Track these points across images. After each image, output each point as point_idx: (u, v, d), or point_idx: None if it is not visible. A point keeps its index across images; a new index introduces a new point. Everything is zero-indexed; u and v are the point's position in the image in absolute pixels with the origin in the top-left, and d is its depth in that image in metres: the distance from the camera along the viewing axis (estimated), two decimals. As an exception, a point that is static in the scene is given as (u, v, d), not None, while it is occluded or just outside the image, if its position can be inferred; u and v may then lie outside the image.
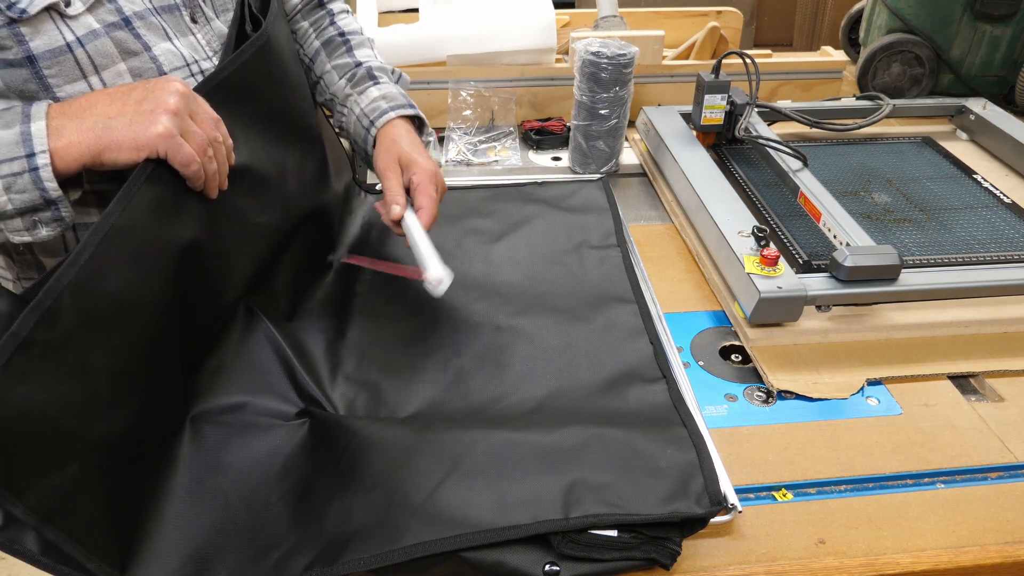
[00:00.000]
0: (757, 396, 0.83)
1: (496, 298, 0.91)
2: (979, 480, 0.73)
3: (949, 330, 0.91)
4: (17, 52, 0.67)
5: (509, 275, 0.96)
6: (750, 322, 0.89)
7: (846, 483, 0.73)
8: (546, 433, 0.69)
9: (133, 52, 0.73)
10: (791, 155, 1.12)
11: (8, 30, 0.66)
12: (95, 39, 0.71)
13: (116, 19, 0.72)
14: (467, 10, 1.37)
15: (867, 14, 1.54)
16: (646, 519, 0.61)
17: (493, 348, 0.84)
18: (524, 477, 0.65)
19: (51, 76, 0.69)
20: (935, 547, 0.67)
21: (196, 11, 0.82)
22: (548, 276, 0.96)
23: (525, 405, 0.77)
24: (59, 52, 0.69)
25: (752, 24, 3.22)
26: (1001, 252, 1.02)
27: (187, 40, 0.80)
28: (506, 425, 0.71)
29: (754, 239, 0.94)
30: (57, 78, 0.69)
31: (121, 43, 0.72)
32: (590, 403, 0.76)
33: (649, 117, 1.30)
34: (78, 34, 0.70)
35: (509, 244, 1.03)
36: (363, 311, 0.89)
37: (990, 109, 1.35)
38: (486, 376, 0.80)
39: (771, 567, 0.65)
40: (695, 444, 0.69)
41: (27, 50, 0.67)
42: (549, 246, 1.02)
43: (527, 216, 1.09)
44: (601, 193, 1.15)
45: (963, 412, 0.81)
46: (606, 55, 1.14)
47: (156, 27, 0.76)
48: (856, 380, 0.84)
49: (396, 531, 0.61)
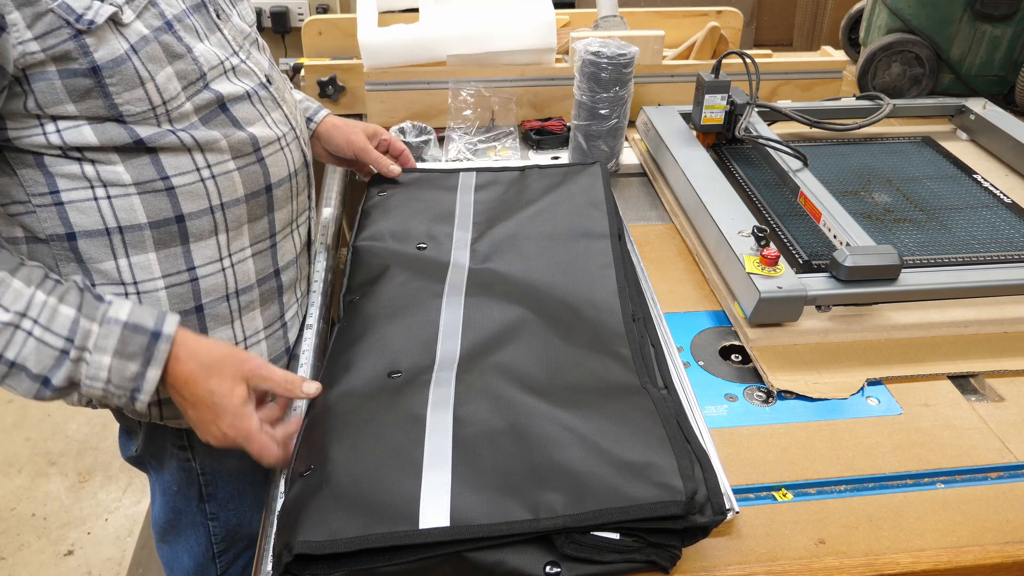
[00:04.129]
0: (757, 396, 0.83)
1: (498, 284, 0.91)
2: (979, 480, 0.73)
3: (949, 330, 0.91)
4: (83, 63, 0.69)
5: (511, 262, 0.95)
6: (750, 322, 0.89)
7: (846, 483, 0.73)
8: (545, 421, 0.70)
9: (178, 55, 0.75)
10: (791, 155, 1.12)
11: (75, 42, 0.68)
12: (146, 45, 0.72)
13: (160, 23, 0.74)
14: (467, 10, 1.37)
15: (867, 14, 1.54)
16: (638, 503, 0.62)
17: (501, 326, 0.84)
18: (522, 471, 0.65)
19: (112, 85, 0.70)
20: (935, 547, 0.67)
21: (218, 7, 0.83)
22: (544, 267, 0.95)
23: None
24: (120, 61, 0.70)
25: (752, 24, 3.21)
26: (1001, 252, 1.02)
27: (216, 38, 0.81)
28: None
29: (754, 239, 0.94)
30: (118, 86, 0.71)
31: (168, 47, 0.74)
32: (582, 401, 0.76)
33: (649, 117, 1.30)
34: (131, 41, 0.71)
35: (509, 227, 1.01)
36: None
37: (990, 109, 1.35)
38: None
39: (771, 567, 0.65)
40: (698, 457, 0.68)
41: (91, 61, 0.69)
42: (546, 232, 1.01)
43: (526, 201, 1.07)
44: (598, 180, 1.11)
45: (963, 412, 0.81)
46: (606, 55, 1.14)
47: (191, 28, 0.78)
48: (856, 380, 0.84)
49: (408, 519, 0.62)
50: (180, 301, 0.81)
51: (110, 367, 0.70)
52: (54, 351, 0.69)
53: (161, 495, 0.99)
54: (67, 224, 0.75)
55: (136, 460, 0.99)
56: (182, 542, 1.02)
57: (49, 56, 0.67)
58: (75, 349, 0.69)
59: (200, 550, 1.02)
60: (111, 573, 1.79)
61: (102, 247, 0.77)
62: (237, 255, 0.84)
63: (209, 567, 1.03)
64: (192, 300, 0.82)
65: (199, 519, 1.00)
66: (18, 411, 2.21)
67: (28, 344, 0.68)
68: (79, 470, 2.04)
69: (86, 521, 1.91)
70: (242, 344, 0.87)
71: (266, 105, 0.85)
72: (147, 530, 1.88)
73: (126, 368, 0.70)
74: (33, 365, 0.69)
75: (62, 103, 0.70)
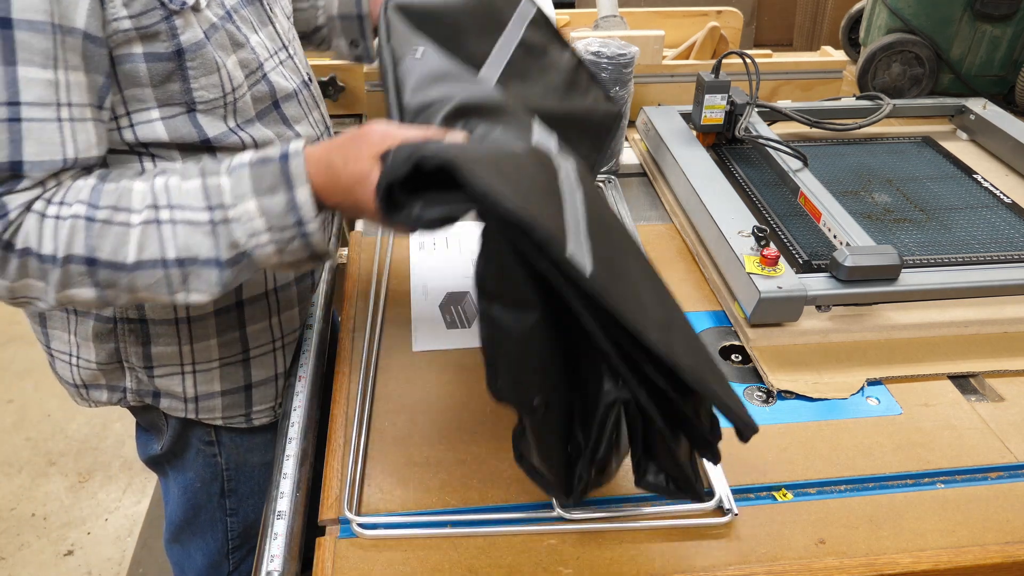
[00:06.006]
0: (757, 396, 0.83)
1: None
2: (979, 480, 0.73)
3: (949, 330, 0.91)
4: (168, 46, 0.69)
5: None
6: (750, 322, 0.89)
7: (846, 483, 0.73)
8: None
9: (240, 44, 0.76)
10: (791, 155, 1.12)
11: (166, 24, 0.68)
12: (215, 32, 0.73)
13: (223, 12, 0.75)
14: (467, 10, 1.37)
15: (867, 14, 1.54)
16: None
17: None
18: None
19: (192, 69, 0.71)
20: (935, 547, 0.67)
21: (271, 2, 0.84)
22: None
23: None
24: (201, 45, 0.71)
25: (752, 24, 3.21)
26: (1001, 252, 1.02)
27: (267, 31, 0.82)
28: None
29: (754, 239, 0.94)
30: (197, 70, 0.71)
31: (232, 35, 0.75)
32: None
33: (649, 117, 1.30)
34: (203, 28, 0.72)
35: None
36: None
37: (990, 109, 1.35)
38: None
39: (771, 567, 0.65)
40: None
41: (177, 43, 0.69)
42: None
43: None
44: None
45: (963, 412, 0.81)
46: (606, 55, 1.14)
47: (246, 19, 0.79)
48: (856, 380, 0.84)
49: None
50: (223, 297, 0.81)
51: (259, 209, 0.65)
52: (204, 226, 0.65)
53: (181, 494, 0.99)
54: None
55: (155, 460, 0.99)
56: (197, 540, 1.02)
57: (140, 35, 0.67)
58: (219, 211, 0.65)
59: (215, 547, 1.02)
60: (111, 573, 1.79)
61: None
62: None
63: (222, 564, 1.04)
64: (234, 296, 0.83)
65: (218, 515, 1.00)
66: (18, 411, 2.21)
67: (179, 233, 0.64)
68: (79, 470, 2.04)
69: (86, 521, 1.91)
70: (279, 341, 0.88)
71: (308, 104, 0.86)
72: (147, 530, 1.88)
73: (274, 202, 0.65)
74: (200, 251, 0.65)
75: (142, 86, 0.70)
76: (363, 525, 0.68)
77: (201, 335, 0.83)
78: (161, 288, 0.66)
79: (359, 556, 0.66)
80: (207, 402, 0.86)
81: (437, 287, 0.98)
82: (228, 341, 0.84)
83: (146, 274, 0.65)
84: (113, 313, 0.81)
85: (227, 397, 0.87)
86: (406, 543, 0.67)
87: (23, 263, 0.64)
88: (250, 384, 0.88)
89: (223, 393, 0.87)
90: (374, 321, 0.92)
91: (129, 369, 0.85)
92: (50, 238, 0.63)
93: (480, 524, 0.69)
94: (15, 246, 0.63)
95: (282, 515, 0.70)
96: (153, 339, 0.82)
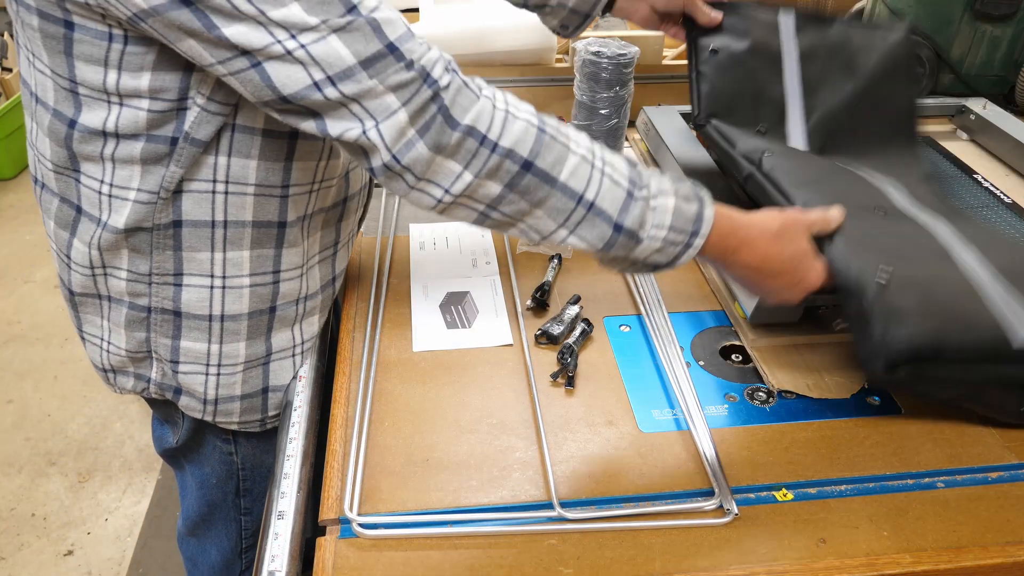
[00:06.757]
0: (757, 396, 0.83)
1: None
2: (979, 480, 0.74)
3: (949, 330, 0.91)
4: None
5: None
6: (750, 322, 0.89)
7: (846, 483, 0.73)
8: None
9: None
10: (791, 155, 1.12)
11: None
12: None
13: None
14: (467, 10, 1.37)
15: (867, 14, 1.54)
16: None
17: None
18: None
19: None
20: (935, 547, 0.67)
21: None
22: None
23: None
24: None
25: (752, 24, 3.21)
26: (1001, 252, 1.02)
27: None
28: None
29: (754, 239, 0.94)
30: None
31: None
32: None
33: (649, 117, 1.30)
34: None
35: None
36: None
37: (990, 109, 1.35)
38: None
39: (771, 567, 0.65)
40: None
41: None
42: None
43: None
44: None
45: (963, 412, 0.81)
46: (606, 55, 1.14)
47: None
48: (856, 380, 0.84)
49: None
50: (259, 300, 0.81)
51: (674, 209, 0.70)
52: (622, 192, 0.69)
53: (198, 488, 0.99)
54: (177, 213, 0.75)
55: (171, 453, 0.99)
56: (212, 536, 1.02)
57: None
58: (640, 189, 0.69)
59: (229, 545, 1.02)
60: (111, 573, 1.79)
61: (203, 238, 0.76)
62: (311, 261, 0.85)
63: (235, 563, 1.04)
64: (269, 300, 0.83)
65: (232, 514, 1.00)
66: (18, 411, 2.21)
67: (604, 183, 0.68)
68: (79, 470, 2.04)
69: (86, 521, 1.91)
70: (299, 347, 0.88)
71: None
72: (147, 530, 1.88)
73: (687, 208, 0.70)
74: (608, 206, 0.68)
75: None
76: (363, 525, 0.68)
77: (231, 337, 0.82)
78: (559, 217, 0.69)
79: (359, 556, 0.66)
80: (225, 405, 0.87)
81: (437, 287, 0.98)
82: (254, 344, 0.84)
83: (562, 198, 0.68)
84: (148, 303, 0.81)
85: (246, 401, 0.87)
86: (406, 543, 0.67)
87: (461, 139, 0.65)
88: (267, 388, 0.88)
89: (242, 397, 0.87)
90: (374, 321, 0.92)
91: (156, 360, 0.85)
92: (500, 127, 0.65)
93: (480, 524, 0.69)
94: (459, 122, 0.64)
95: (283, 515, 0.71)
96: (184, 333, 0.82)
